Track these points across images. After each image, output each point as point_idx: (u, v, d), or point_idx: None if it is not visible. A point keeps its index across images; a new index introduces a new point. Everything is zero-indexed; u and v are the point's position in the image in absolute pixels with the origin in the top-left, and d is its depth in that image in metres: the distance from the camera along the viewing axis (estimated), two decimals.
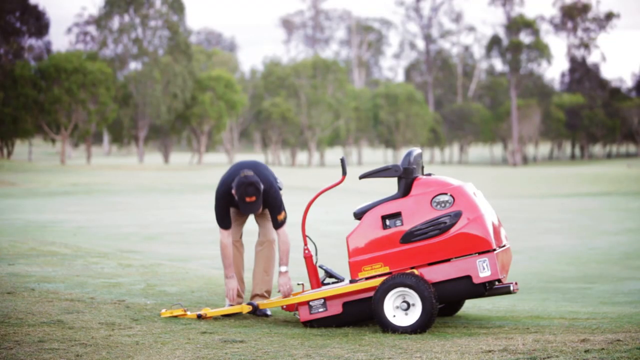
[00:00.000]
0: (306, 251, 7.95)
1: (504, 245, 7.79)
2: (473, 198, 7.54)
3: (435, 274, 7.44)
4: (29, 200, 28.79)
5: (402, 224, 7.55)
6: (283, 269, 7.93)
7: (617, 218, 24.64)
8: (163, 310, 7.83)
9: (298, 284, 8.27)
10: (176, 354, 6.41)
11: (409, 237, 7.50)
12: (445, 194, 7.52)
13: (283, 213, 8.00)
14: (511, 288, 7.70)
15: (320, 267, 8.06)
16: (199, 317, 7.78)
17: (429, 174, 7.87)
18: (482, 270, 7.37)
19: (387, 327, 7.38)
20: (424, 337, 7.15)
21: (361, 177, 7.92)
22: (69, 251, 11.80)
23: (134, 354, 6.38)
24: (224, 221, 7.99)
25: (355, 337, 7.18)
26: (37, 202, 28.19)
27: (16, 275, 9.44)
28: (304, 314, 7.67)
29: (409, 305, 7.39)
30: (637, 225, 22.40)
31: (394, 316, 7.41)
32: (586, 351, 6.25)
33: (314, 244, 8.12)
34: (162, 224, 20.72)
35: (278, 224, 7.97)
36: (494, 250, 7.43)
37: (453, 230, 7.43)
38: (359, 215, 7.75)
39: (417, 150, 7.86)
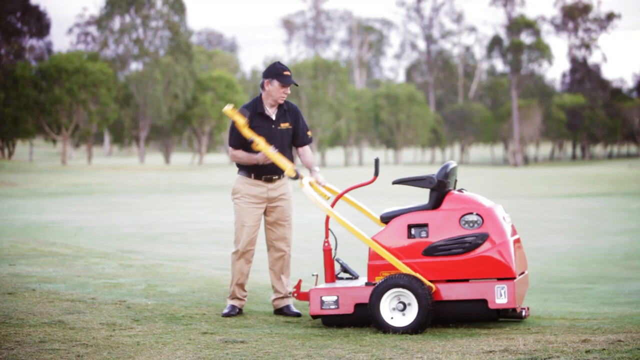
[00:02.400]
0: (326, 244, 7.94)
1: (523, 272, 7.78)
2: (502, 222, 7.49)
3: (451, 291, 7.42)
4: (29, 201, 28.79)
5: (427, 236, 7.52)
6: (317, 168, 8.21)
7: (618, 218, 24.62)
8: (231, 107, 7.98)
9: (313, 275, 8.27)
10: (177, 355, 6.41)
11: (431, 250, 7.47)
12: (476, 213, 7.48)
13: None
14: (523, 314, 7.76)
15: (337, 260, 8.06)
16: (251, 142, 7.99)
17: (461, 190, 7.83)
18: (499, 296, 7.34)
19: (388, 330, 7.37)
20: (425, 337, 7.15)
21: (394, 183, 7.91)
22: (70, 251, 11.80)
23: (135, 355, 6.38)
24: (235, 139, 8.16)
25: (357, 337, 7.18)
26: (38, 202, 28.19)
27: (17, 275, 9.44)
28: (314, 307, 7.66)
29: (405, 306, 7.39)
30: (638, 225, 22.38)
31: (392, 318, 7.40)
32: (587, 351, 6.26)
33: (335, 238, 8.12)
34: (163, 224, 20.72)
35: (308, 139, 8.33)
36: (514, 278, 7.40)
37: (476, 252, 7.40)
38: (385, 219, 7.73)
39: (453, 164, 7.82)
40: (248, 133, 8.00)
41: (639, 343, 6.47)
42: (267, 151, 8.01)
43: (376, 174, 7.83)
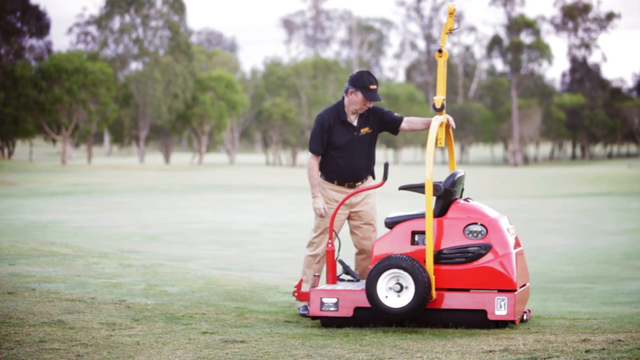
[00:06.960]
0: (329, 246, 7.95)
1: (524, 285, 7.79)
2: (506, 234, 7.49)
3: (452, 300, 7.43)
4: (29, 201, 28.79)
5: None
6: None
7: (617, 218, 24.62)
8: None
9: (314, 276, 8.29)
10: (177, 354, 6.41)
11: (434, 258, 7.47)
12: (480, 224, 7.48)
13: None
14: (524, 317, 7.79)
15: (340, 262, 8.06)
16: None
17: (467, 199, 7.83)
18: (499, 308, 7.35)
19: (379, 308, 7.36)
20: (424, 337, 7.15)
21: (401, 189, 7.90)
22: (70, 251, 11.80)
23: (135, 354, 6.38)
24: (317, 145, 8.03)
25: (356, 337, 7.18)
26: (37, 202, 28.19)
27: (17, 275, 9.44)
28: (314, 308, 7.67)
29: (402, 288, 7.39)
30: (637, 225, 22.38)
31: (387, 297, 7.41)
32: (587, 351, 6.25)
33: (339, 240, 8.12)
34: (163, 224, 20.71)
35: (400, 116, 8.40)
36: (515, 291, 7.41)
37: (479, 262, 7.40)
38: (390, 224, 7.72)
39: (460, 173, 7.82)
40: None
41: (639, 343, 6.47)
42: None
43: (385, 178, 7.83)
